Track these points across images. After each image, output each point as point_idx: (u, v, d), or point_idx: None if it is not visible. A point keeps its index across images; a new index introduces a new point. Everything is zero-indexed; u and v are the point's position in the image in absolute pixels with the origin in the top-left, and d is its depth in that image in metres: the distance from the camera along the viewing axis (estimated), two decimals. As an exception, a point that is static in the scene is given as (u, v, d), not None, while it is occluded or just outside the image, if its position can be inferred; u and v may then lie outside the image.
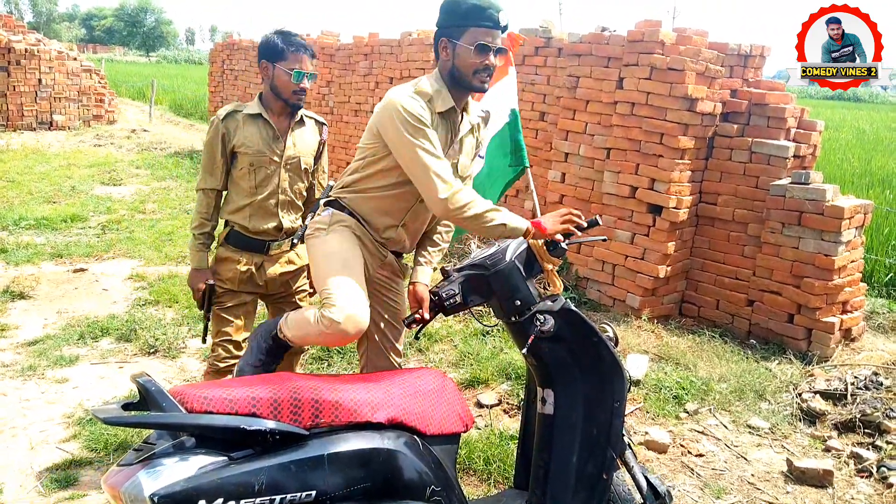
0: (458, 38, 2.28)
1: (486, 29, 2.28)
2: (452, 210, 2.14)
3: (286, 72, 2.70)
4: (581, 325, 2.07)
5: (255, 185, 2.78)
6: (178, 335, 4.36)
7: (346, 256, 2.30)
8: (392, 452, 1.72)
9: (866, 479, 3.20)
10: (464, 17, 2.28)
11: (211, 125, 2.78)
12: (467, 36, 2.27)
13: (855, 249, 4.62)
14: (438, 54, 2.37)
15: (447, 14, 2.33)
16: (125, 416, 1.53)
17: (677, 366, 4.19)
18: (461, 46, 2.27)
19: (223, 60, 11.76)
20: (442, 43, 2.33)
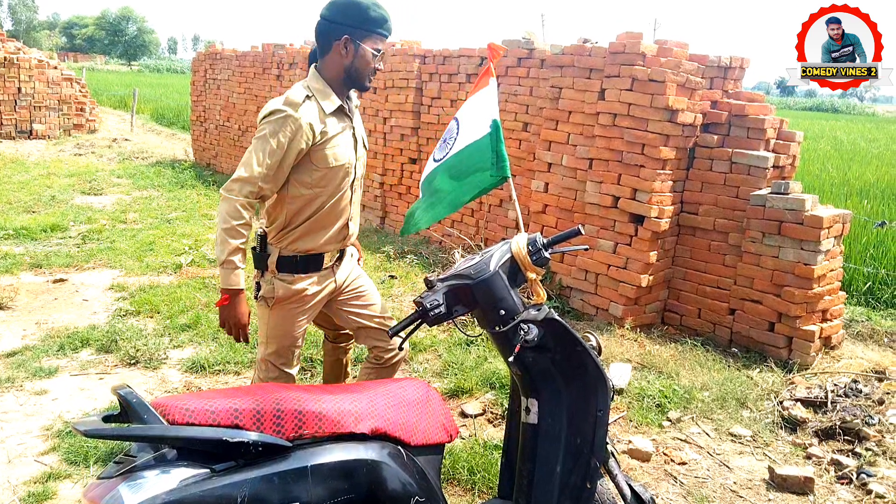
0: (361, 41, 2.40)
1: (384, 38, 2.48)
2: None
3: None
4: (565, 335, 2.08)
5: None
6: (160, 346, 4.32)
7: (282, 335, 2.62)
8: (376, 463, 1.71)
9: (846, 485, 3.23)
10: (372, 24, 2.41)
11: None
12: (370, 41, 2.42)
13: (834, 258, 4.68)
14: (326, 48, 2.43)
15: (353, 16, 2.39)
16: (106, 428, 1.51)
17: (660, 374, 4.21)
18: (364, 49, 2.41)
19: (205, 70, 11.72)
20: (343, 41, 2.39)
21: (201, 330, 4.59)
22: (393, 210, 7.80)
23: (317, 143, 2.42)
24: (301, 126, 2.35)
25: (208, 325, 4.66)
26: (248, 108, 10.53)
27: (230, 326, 2.48)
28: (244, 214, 2.37)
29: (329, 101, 2.45)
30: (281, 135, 2.34)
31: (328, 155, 2.45)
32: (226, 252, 2.38)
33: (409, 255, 6.54)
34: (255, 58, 10.30)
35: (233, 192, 2.36)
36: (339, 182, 2.52)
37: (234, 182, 2.37)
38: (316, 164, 2.44)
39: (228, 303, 2.43)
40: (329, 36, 2.43)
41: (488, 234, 6.39)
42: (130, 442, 1.60)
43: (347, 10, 2.39)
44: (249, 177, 2.35)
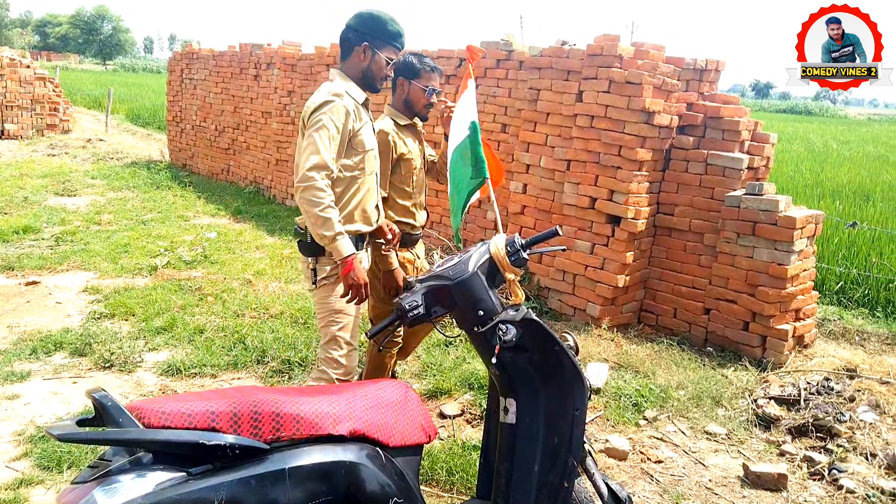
0: (379, 49, 2.80)
1: (397, 50, 2.87)
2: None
3: (421, 88, 3.14)
4: (542, 335, 2.09)
5: (415, 185, 3.24)
6: (135, 349, 4.27)
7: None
8: (354, 465, 1.70)
9: (818, 481, 3.28)
10: (389, 37, 2.81)
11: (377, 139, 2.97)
12: (385, 51, 2.81)
13: (807, 258, 4.76)
14: (348, 52, 2.82)
15: (373, 28, 2.79)
16: (80, 432, 1.50)
17: (636, 374, 4.25)
18: (379, 56, 2.80)
19: (182, 69, 11.61)
20: (363, 47, 2.79)
21: (177, 332, 4.55)
22: (372, 211, 7.78)
23: (356, 129, 2.73)
24: (349, 111, 2.69)
25: (184, 327, 4.61)
26: (225, 108, 10.45)
27: (357, 288, 2.63)
28: (328, 192, 2.58)
29: (357, 94, 2.81)
30: (336, 120, 2.64)
31: (364, 140, 2.78)
32: (333, 227, 2.56)
33: (387, 257, 6.53)
34: (232, 58, 10.23)
35: (311, 178, 2.56)
36: (371, 165, 2.84)
37: (308, 171, 2.57)
38: (355, 148, 2.75)
39: (353, 268, 2.60)
40: (351, 42, 2.81)
41: (467, 235, 6.40)
42: (105, 446, 1.59)
43: (370, 21, 2.79)
44: (320, 162, 2.58)
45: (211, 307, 5.03)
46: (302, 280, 5.83)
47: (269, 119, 9.43)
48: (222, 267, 6.12)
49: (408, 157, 3.16)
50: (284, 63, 9.03)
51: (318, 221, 2.55)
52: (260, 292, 5.41)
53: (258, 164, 9.86)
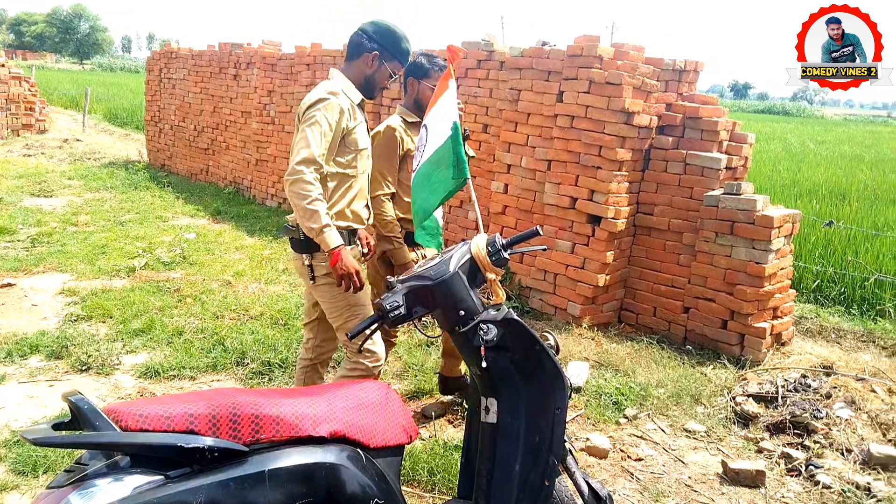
0: (386, 61, 2.88)
1: (401, 67, 2.96)
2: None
3: (430, 87, 3.20)
4: (523, 334, 2.09)
5: None
6: (112, 351, 4.22)
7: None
8: (334, 466, 1.70)
9: (796, 477, 3.32)
10: (399, 53, 2.90)
11: (387, 136, 3.19)
12: (391, 65, 2.90)
13: (784, 257, 4.81)
14: (356, 55, 2.89)
15: (388, 41, 2.87)
16: (55, 436, 1.48)
17: (617, 372, 4.28)
18: (385, 68, 2.89)
19: (160, 69, 11.50)
20: (373, 55, 2.86)
21: (155, 334, 4.50)
22: (353, 211, 7.76)
23: (350, 127, 2.78)
24: (343, 110, 2.73)
25: (162, 329, 4.57)
26: (204, 107, 10.36)
27: (347, 277, 2.66)
28: (316, 185, 2.62)
29: (354, 94, 2.87)
30: (329, 117, 2.69)
31: (358, 139, 2.83)
32: (320, 219, 2.61)
33: (369, 257, 6.51)
34: (211, 57, 10.15)
35: (300, 172, 2.61)
36: (363, 165, 2.89)
37: (298, 164, 2.62)
38: (348, 146, 2.80)
39: (340, 258, 2.64)
40: (362, 46, 2.88)
41: (449, 235, 6.40)
42: (81, 450, 1.57)
43: (387, 34, 2.88)
44: (310, 156, 2.63)
45: (190, 309, 4.99)
46: (282, 281, 5.80)
47: (249, 119, 9.37)
48: (201, 268, 6.07)
49: (412, 153, 3.22)
50: (264, 63, 8.98)
51: (306, 214, 2.60)
52: (239, 293, 5.38)
53: (238, 165, 9.79)
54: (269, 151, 8.98)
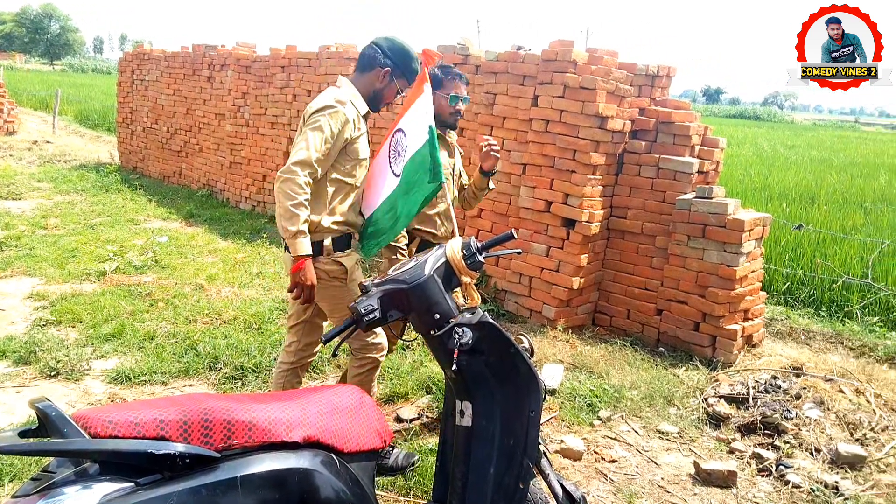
0: (396, 78, 2.96)
1: (408, 85, 3.03)
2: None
3: (444, 97, 3.24)
4: (498, 337, 2.10)
5: (439, 195, 3.25)
6: (82, 356, 4.15)
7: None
8: (308, 472, 1.69)
9: (766, 477, 3.37)
10: (409, 72, 2.98)
11: None
12: (400, 82, 2.98)
13: (755, 260, 4.89)
14: (368, 68, 2.95)
15: (401, 59, 2.95)
16: (22, 443, 1.44)
17: (591, 374, 4.31)
18: (394, 85, 2.97)
19: (133, 70, 11.36)
20: (385, 71, 2.93)
21: (126, 339, 4.44)
22: (328, 214, 7.72)
23: (353, 137, 2.84)
24: (348, 120, 2.79)
25: (134, 334, 4.51)
26: (178, 109, 10.25)
27: (303, 288, 2.71)
28: (306, 190, 2.68)
29: (361, 104, 2.93)
30: (333, 125, 2.75)
31: (359, 148, 2.89)
32: (297, 224, 2.65)
33: (344, 260, 6.49)
34: (184, 59, 10.05)
35: (294, 172, 2.66)
36: (361, 173, 2.95)
37: (293, 164, 2.66)
38: (349, 155, 2.85)
39: (304, 267, 2.68)
40: (375, 61, 2.95)
41: (424, 239, 6.40)
42: (49, 457, 1.54)
43: (401, 53, 2.96)
44: (307, 159, 2.68)
45: (162, 313, 4.93)
46: (255, 285, 5.75)
47: (223, 121, 9.29)
48: (174, 272, 6.00)
49: None
50: (238, 64, 8.91)
51: (287, 214, 2.64)
52: (212, 297, 5.32)
53: (211, 167, 9.70)
54: (243, 154, 8.91)
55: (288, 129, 8.10)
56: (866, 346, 5.13)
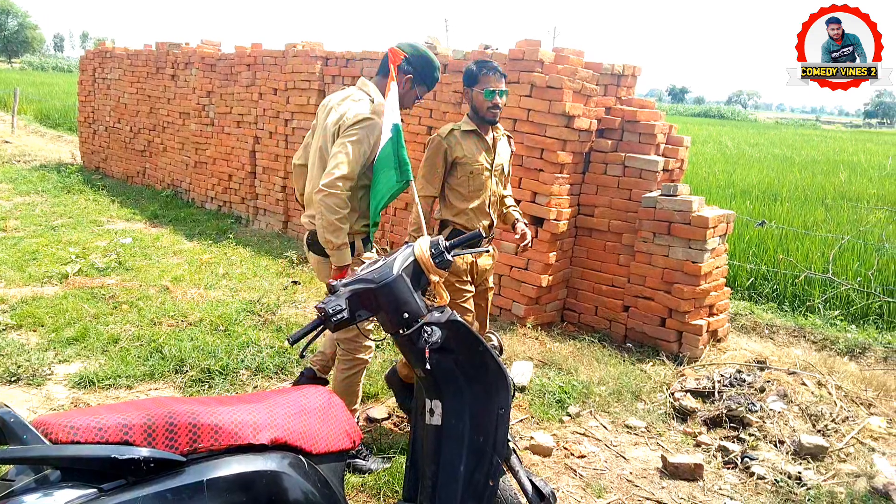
0: (417, 85, 3.10)
1: (428, 91, 3.20)
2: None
3: (479, 92, 3.26)
4: (467, 336, 2.10)
5: (472, 190, 3.32)
6: (44, 361, 4.06)
7: None
8: (275, 474, 1.67)
9: (732, 469, 3.43)
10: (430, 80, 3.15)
11: (432, 142, 3.32)
12: (420, 89, 3.13)
13: (719, 256, 4.97)
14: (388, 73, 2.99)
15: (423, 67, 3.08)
16: None
17: (560, 371, 4.34)
18: (414, 91, 3.12)
19: (95, 69, 11.13)
20: (407, 77, 3.06)
21: (90, 343, 4.35)
22: (296, 214, 7.67)
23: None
24: (381, 130, 2.87)
25: (97, 337, 4.42)
26: (141, 108, 10.08)
27: None
28: (348, 204, 2.84)
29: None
30: (371, 138, 2.88)
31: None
32: (341, 237, 2.82)
33: (313, 260, 6.44)
34: (148, 57, 9.88)
35: (337, 187, 2.79)
36: None
37: (337, 179, 2.80)
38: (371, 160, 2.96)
39: (347, 275, 2.67)
40: (399, 68, 3.00)
41: (394, 238, 6.39)
42: (8, 465, 1.50)
43: (424, 61, 3.08)
44: (350, 173, 2.83)
45: (126, 316, 4.84)
46: (222, 286, 5.68)
47: (188, 120, 9.16)
48: (138, 273, 5.90)
49: (463, 161, 3.28)
50: (203, 63, 8.79)
51: (331, 227, 2.80)
52: (178, 299, 5.24)
53: (176, 167, 9.56)
54: (209, 153, 8.79)
55: (254, 128, 8.02)
56: (828, 339, 5.25)
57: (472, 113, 3.37)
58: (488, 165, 3.37)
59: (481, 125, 3.35)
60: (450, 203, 3.38)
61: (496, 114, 3.31)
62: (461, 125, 3.36)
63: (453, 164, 3.32)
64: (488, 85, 3.26)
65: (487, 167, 3.36)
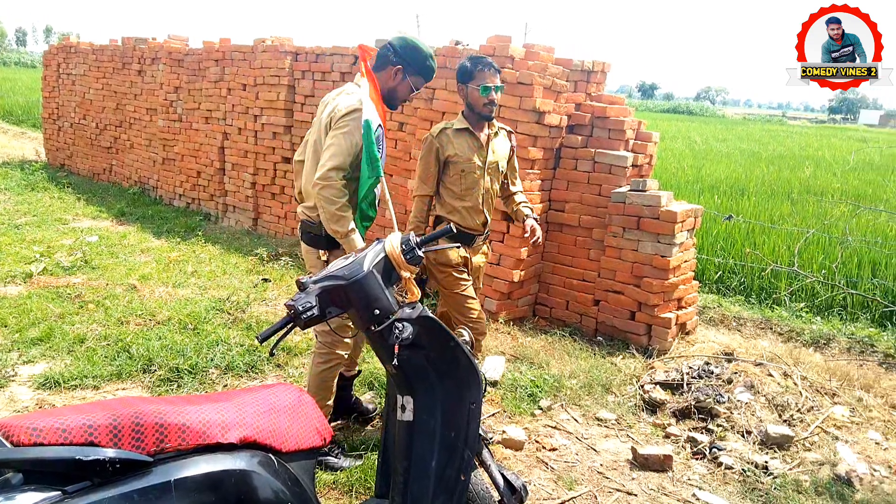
0: (409, 76, 3.04)
1: (425, 82, 3.13)
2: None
3: (475, 88, 3.24)
4: (438, 332, 2.11)
5: (465, 188, 3.33)
6: (7, 362, 3.98)
7: None
8: (245, 473, 1.66)
9: (700, 460, 3.49)
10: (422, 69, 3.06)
11: (425, 141, 3.31)
12: (414, 79, 3.07)
13: (687, 250, 5.03)
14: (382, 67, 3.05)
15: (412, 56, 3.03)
16: None
17: (532, 365, 4.37)
18: (408, 82, 3.05)
19: (59, 64, 10.90)
20: (397, 69, 3.04)
21: (55, 343, 4.27)
22: (266, 211, 7.60)
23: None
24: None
25: (63, 337, 4.34)
26: (107, 104, 9.90)
27: None
28: (344, 192, 2.87)
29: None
30: (361, 129, 2.87)
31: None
32: (346, 224, 2.88)
33: (283, 258, 6.40)
34: (114, 52, 9.70)
35: (331, 178, 2.85)
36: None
37: (329, 171, 2.85)
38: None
39: None
40: (387, 60, 3.04)
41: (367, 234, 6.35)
42: (-32, 469, 1.47)
43: (411, 50, 3.03)
44: (342, 163, 2.86)
45: (92, 315, 4.76)
46: (191, 284, 5.62)
47: (155, 116, 9.01)
48: (104, 272, 5.80)
49: (454, 159, 3.30)
50: (170, 58, 8.66)
51: (334, 217, 2.86)
52: (146, 298, 5.17)
53: (143, 164, 9.41)
54: (177, 150, 8.67)
55: (223, 124, 7.92)
56: (793, 330, 5.36)
57: (467, 110, 3.35)
58: (481, 163, 3.36)
59: (476, 122, 3.35)
60: (444, 201, 3.41)
61: (492, 110, 3.31)
62: (454, 124, 3.37)
63: (446, 162, 3.33)
64: (484, 81, 3.25)
65: (480, 165, 3.36)
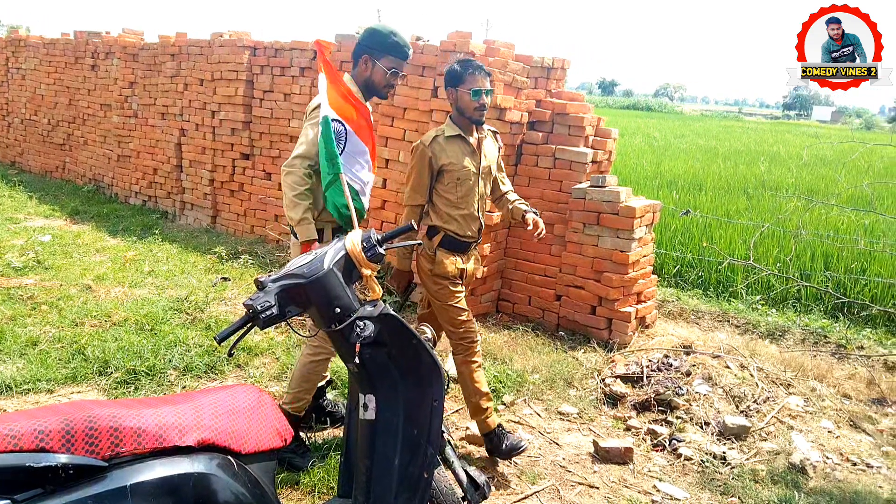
0: (378, 60, 3.07)
1: (399, 60, 3.10)
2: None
3: (466, 92, 3.16)
4: (400, 329, 2.10)
5: (460, 196, 3.25)
6: (-44, 367, 3.85)
7: None
8: (203, 476, 1.63)
9: (661, 452, 3.55)
10: (386, 48, 3.05)
11: (416, 150, 3.22)
12: (384, 61, 3.07)
13: (646, 245, 5.11)
14: (356, 61, 3.11)
15: (373, 39, 3.05)
16: None
17: (495, 360, 4.39)
18: (379, 66, 3.07)
19: (7, 58, 10.57)
20: (364, 59, 3.09)
21: (6, 346, 4.14)
22: (224, 209, 7.48)
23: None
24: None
25: (14, 340, 4.21)
26: (59, 100, 9.64)
27: None
28: (307, 181, 2.93)
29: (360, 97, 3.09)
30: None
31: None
32: (301, 211, 2.91)
33: (242, 256, 6.31)
34: (66, 46, 9.44)
35: (295, 165, 2.93)
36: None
37: (295, 158, 2.94)
38: None
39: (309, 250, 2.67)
40: (357, 53, 3.11)
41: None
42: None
43: (370, 35, 3.08)
44: (306, 153, 2.94)
45: (45, 317, 4.63)
46: (147, 284, 5.50)
47: (109, 112, 8.80)
48: (58, 273, 5.65)
49: (449, 167, 3.19)
50: (125, 52, 8.46)
51: (291, 204, 2.91)
52: (101, 299, 5.05)
53: (98, 161, 9.19)
54: (132, 146, 8.48)
55: (180, 120, 7.77)
56: (750, 323, 5.48)
57: (457, 114, 3.24)
58: (475, 169, 3.26)
59: (466, 126, 3.24)
60: (439, 210, 3.27)
61: (483, 114, 3.22)
62: (444, 130, 3.24)
63: (440, 171, 3.21)
64: (474, 84, 3.14)
65: (475, 171, 3.26)
